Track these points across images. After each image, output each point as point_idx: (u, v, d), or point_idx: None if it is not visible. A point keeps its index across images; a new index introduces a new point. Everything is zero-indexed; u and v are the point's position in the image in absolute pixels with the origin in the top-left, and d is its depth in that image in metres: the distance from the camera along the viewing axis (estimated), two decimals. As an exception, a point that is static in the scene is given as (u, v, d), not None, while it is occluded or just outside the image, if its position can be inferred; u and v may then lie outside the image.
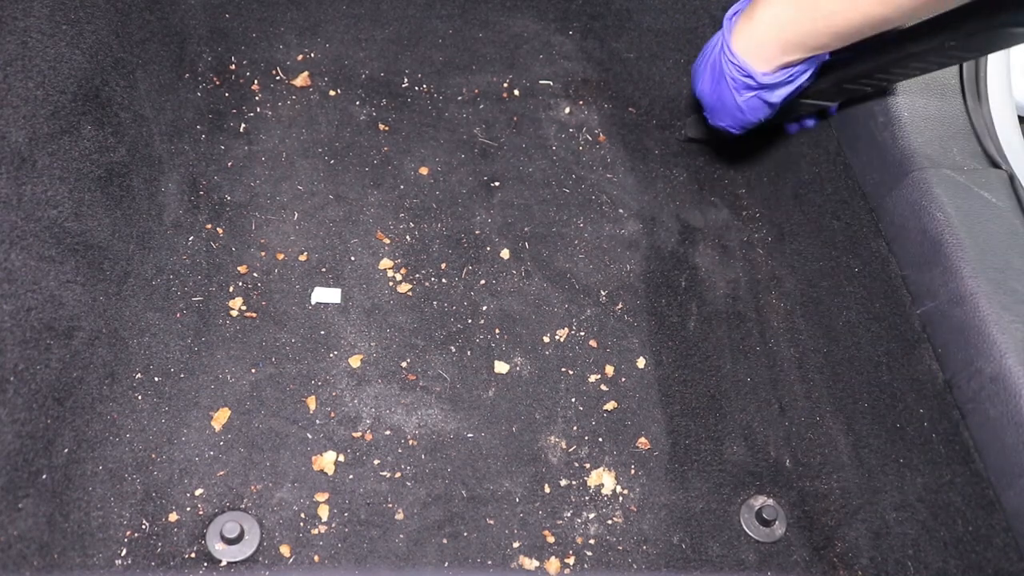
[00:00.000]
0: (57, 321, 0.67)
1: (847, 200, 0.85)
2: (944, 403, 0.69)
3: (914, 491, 0.71)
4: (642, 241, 0.94)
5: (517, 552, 0.72)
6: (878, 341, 0.78)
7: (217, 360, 0.78)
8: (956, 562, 0.66)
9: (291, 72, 0.99)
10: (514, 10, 1.07)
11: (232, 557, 0.68)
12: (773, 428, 0.83)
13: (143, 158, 0.82)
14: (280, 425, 0.75)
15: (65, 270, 0.69)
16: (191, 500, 0.70)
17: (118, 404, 0.72)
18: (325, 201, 0.90)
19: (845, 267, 0.84)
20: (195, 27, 0.97)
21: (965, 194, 0.73)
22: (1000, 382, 0.62)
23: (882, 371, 0.77)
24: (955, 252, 0.69)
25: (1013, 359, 0.62)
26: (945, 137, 0.78)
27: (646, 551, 0.74)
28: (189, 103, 0.93)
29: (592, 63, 1.06)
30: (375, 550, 0.70)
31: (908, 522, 0.71)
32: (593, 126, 1.02)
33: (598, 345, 0.85)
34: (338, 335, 0.81)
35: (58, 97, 0.72)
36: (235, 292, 0.82)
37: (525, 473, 0.76)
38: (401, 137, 0.97)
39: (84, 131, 0.74)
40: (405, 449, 0.76)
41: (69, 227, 0.71)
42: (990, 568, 0.63)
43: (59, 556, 0.63)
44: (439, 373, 0.81)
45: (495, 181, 0.96)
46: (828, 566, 0.76)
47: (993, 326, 0.64)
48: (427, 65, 1.03)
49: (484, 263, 0.89)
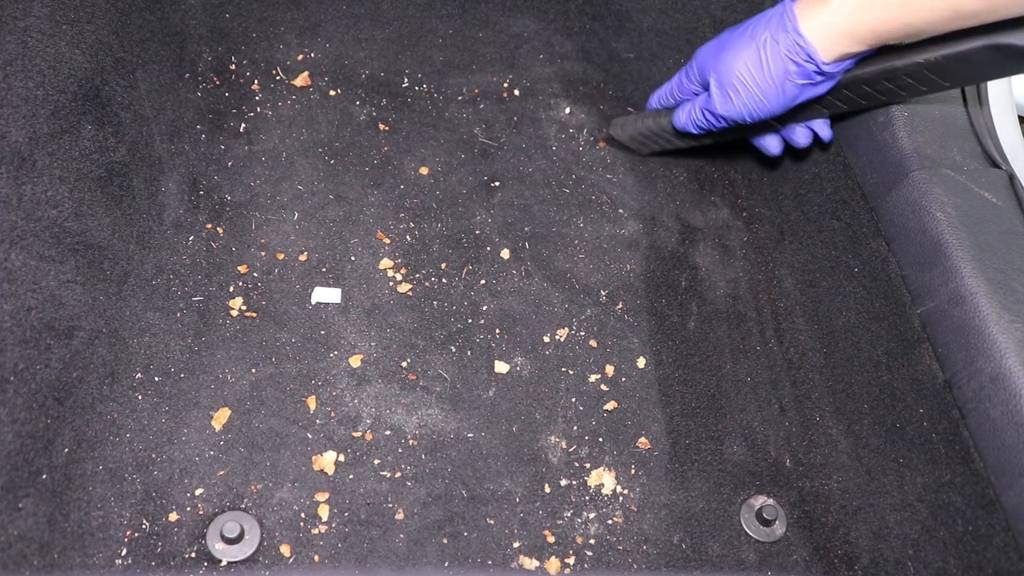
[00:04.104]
0: (57, 321, 0.67)
1: (847, 200, 0.85)
2: (944, 403, 0.69)
3: (914, 491, 0.71)
4: (642, 241, 0.94)
5: (517, 552, 0.72)
6: (878, 341, 0.78)
7: (217, 360, 0.78)
8: (956, 562, 0.66)
9: (291, 72, 0.99)
10: (514, 10, 1.07)
11: (232, 557, 0.68)
12: (773, 428, 0.83)
13: (143, 158, 0.82)
14: (280, 425, 0.75)
15: (65, 270, 0.69)
16: (191, 500, 0.70)
17: (118, 404, 0.72)
18: (325, 201, 0.90)
19: (845, 267, 0.84)
20: (195, 27, 0.97)
21: (965, 194, 0.73)
22: (1000, 382, 0.62)
23: (882, 371, 0.77)
24: (955, 252, 0.69)
25: (1013, 359, 0.62)
26: (945, 137, 0.78)
27: (646, 551, 0.74)
28: (189, 103, 0.93)
29: (592, 63, 1.07)
30: (375, 550, 0.70)
31: (908, 522, 0.71)
32: (593, 126, 1.02)
33: (598, 345, 0.85)
34: (338, 335, 0.81)
35: (58, 97, 0.72)
36: (235, 292, 0.82)
37: (525, 473, 0.76)
38: (401, 137, 0.97)
39: (84, 131, 0.74)
40: (405, 449, 0.76)
41: (69, 227, 0.71)
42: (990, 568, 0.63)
43: (59, 556, 0.63)
44: (439, 373, 0.81)
45: (495, 181, 0.96)
46: (828, 566, 0.76)
47: (993, 326, 0.64)
48: (427, 65, 1.03)
49: (484, 263, 0.89)
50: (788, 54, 0.70)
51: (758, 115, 0.75)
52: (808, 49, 0.69)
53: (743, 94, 0.74)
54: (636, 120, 0.95)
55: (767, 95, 0.73)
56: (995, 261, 0.68)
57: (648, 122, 0.93)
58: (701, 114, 0.80)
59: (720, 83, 0.75)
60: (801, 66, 0.70)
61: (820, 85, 0.72)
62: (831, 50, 0.68)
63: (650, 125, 0.93)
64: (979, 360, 0.65)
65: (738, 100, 0.75)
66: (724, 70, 0.74)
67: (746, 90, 0.73)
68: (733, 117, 0.77)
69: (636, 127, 0.95)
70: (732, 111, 0.76)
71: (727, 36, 0.76)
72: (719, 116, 0.78)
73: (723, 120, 0.78)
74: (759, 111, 0.75)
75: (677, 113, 0.84)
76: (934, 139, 0.77)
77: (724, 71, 0.74)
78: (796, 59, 0.70)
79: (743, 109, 0.75)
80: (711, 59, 0.76)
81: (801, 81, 0.71)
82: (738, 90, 0.74)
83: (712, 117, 0.79)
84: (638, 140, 0.97)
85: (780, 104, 0.73)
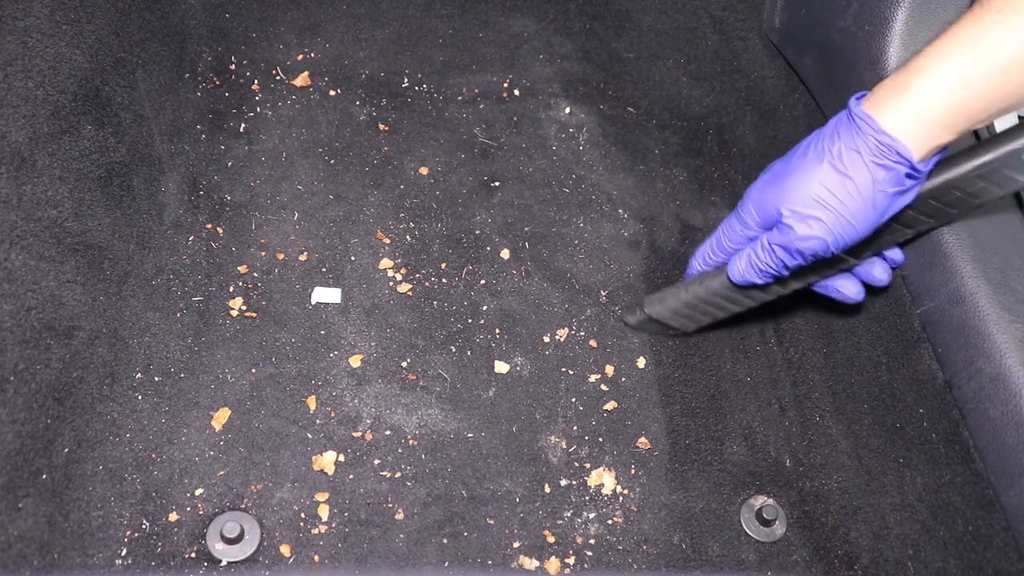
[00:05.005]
0: (57, 321, 0.67)
1: (847, 200, 0.85)
2: (944, 403, 0.69)
3: (914, 491, 0.71)
4: (642, 241, 0.94)
5: (517, 552, 0.72)
6: (878, 341, 0.78)
7: (217, 360, 0.78)
8: (956, 562, 0.66)
9: (291, 72, 0.99)
10: (514, 10, 1.07)
11: (232, 557, 0.68)
12: (773, 428, 0.83)
13: (143, 158, 0.82)
14: (280, 425, 0.75)
15: (65, 270, 0.69)
16: (191, 500, 0.70)
17: (118, 404, 0.72)
18: (325, 201, 0.90)
19: (845, 267, 0.84)
20: (195, 27, 0.97)
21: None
22: (1000, 382, 0.62)
23: (882, 371, 0.77)
24: (955, 252, 0.69)
25: (1013, 359, 0.62)
26: (945, 137, 0.78)
27: (646, 551, 0.74)
28: (189, 103, 0.93)
29: (592, 63, 1.07)
30: (375, 550, 0.70)
31: (908, 522, 0.72)
32: (593, 126, 1.02)
33: (598, 345, 0.85)
34: (338, 335, 0.81)
35: (58, 97, 0.72)
36: (235, 292, 0.82)
37: (525, 473, 0.76)
38: (401, 137, 0.97)
39: (84, 131, 0.74)
40: (405, 449, 0.76)
41: (69, 227, 0.71)
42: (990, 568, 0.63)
43: (59, 556, 0.63)
44: (439, 373, 0.81)
45: (495, 181, 0.96)
46: (828, 566, 0.76)
47: (993, 326, 0.64)
48: (427, 65, 1.03)
49: (484, 263, 0.89)
50: (874, 159, 0.59)
51: (845, 241, 0.62)
52: (897, 147, 0.58)
53: (826, 218, 0.61)
54: (678, 291, 0.80)
55: (855, 214, 0.60)
56: (995, 261, 0.68)
57: (694, 289, 0.78)
58: (769, 254, 0.67)
59: (795, 213, 0.63)
60: (892, 169, 0.59)
61: (910, 192, 0.62)
62: (922, 144, 0.58)
63: (697, 292, 0.78)
64: (979, 360, 0.65)
65: (820, 226, 0.61)
66: (796, 198, 0.62)
67: (829, 213, 0.61)
68: (815, 249, 0.63)
69: (679, 298, 0.80)
70: (814, 242, 0.62)
71: (781, 165, 0.65)
72: (796, 251, 0.64)
73: (800, 256, 0.64)
74: (846, 236, 0.62)
75: (733, 263, 0.71)
76: (934, 139, 0.77)
77: (796, 199, 0.62)
78: (885, 163, 0.59)
79: (828, 237, 0.62)
80: (771, 192, 0.65)
81: (892, 189, 0.60)
82: (819, 215, 0.61)
83: (785, 255, 0.65)
84: (683, 314, 0.81)
85: (871, 222, 0.62)
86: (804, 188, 0.61)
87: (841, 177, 0.60)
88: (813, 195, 0.61)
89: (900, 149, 0.58)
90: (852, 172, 0.59)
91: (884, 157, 0.58)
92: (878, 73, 0.76)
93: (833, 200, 0.60)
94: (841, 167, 0.60)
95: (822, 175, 0.61)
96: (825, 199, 0.61)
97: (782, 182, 0.63)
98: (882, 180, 0.59)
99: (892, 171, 0.59)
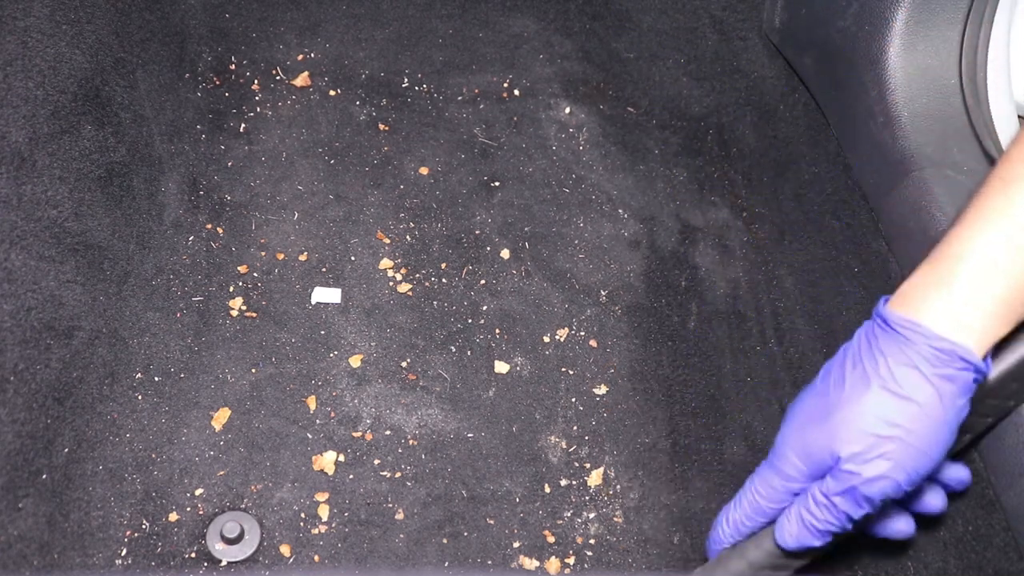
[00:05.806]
0: (57, 321, 0.67)
1: (847, 200, 0.85)
2: (944, 403, 0.69)
3: (914, 491, 0.71)
4: (642, 241, 0.94)
5: (517, 552, 0.72)
6: (878, 341, 0.78)
7: (217, 360, 0.78)
8: (956, 562, 0.66)
9: (291, 72, 0.99)
10: (514, 10, 1.07)
11: (232, 557, 0.68)
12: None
13: (143, 158, 0.82)
14: (280, 425, 0.75)
15: (65, 270, 0.69)
16: (191, 500, 0.70)
17: (118, 404, 0.72)
18: (325, 201, 0.90)
19: (845, 267, 0.84)
20: (195, 27, 0.97)
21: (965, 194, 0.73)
22: (1000, 382, 0.62)
23: (882, 371, 0.77)
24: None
25: (1013, 359, 0.62)
26: (945, 137, 0.78)
27: (646, 551, 0.74)
28: (189, 103, 0.93)
29: (592, 63, 1.07)
30: (375, 550, 0.70)
31: (908, 522, 0.71)
32: (593, 126, 1.02)
33: (598, 345, 0.85)
34: (338, 335, 0.81)
35: (58, 97, 0.72)
36: (235, 292, 0.82)
37: (525, 473, 0.76)
38: (401, 137, 0.97)
39: (84, 131, 0.74)
40: (405, 449, 0.76)
41: (69, 227, 0.71)
42: (990, 568, 0.63)
43: (59, 556, 0.63)
44: (439, 373, 0.81)
45: (495, 181, 0.96)
46: (828, 566, 0.76)
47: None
48: (427, 65, 1.03)
49: (484, 263, 0.89)
50: (936, 371, 0.48)
51: (920, 474, 0.50)
52: (959, 351, 0.48)
53: (893, 454, 0.49)
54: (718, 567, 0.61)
55: (927, 440, 0.49)
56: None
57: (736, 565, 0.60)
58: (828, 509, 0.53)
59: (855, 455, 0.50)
60: (958, 379, 0.49)
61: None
62: (982, 342, 0.49)
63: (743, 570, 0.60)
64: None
65: (888, 465, 0.50)
66: (851, 436, 0.50)
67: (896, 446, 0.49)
68: (886, 492, 0.50)
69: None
70: (883, 482, 0.50)
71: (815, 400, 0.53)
72: (863, 499, 0.51)
73: (868, 504, 0.51)
74: (921, 468, 0.50)
75: (781, 527, 0.56)
76: (934, 139, 0.77)
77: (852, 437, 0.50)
78: (949, 372, 0.48)
79: (900, 476, 0.50)
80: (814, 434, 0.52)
81: (962, 400, 0.49)
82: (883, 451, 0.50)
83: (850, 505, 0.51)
84: None
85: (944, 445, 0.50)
86: (857, 422, 0.50)
87: (900, 401, 0.49)
88: (870, 429, 0.50)
89: (963, 353, 0.48)
90: (912, 392, 0.49)
91: (947, 366, 0.48)
92: (878, 73, 0.76)
93: (897, 431, 0.49)
94: (897, 388, 0.49)
95: (875, 403, 0.50)
96: (885, 431, 0.49)
97: (827, 420, 0.52)
98: (949, 394, 0.48)
99: (959, 380, 0.48)
